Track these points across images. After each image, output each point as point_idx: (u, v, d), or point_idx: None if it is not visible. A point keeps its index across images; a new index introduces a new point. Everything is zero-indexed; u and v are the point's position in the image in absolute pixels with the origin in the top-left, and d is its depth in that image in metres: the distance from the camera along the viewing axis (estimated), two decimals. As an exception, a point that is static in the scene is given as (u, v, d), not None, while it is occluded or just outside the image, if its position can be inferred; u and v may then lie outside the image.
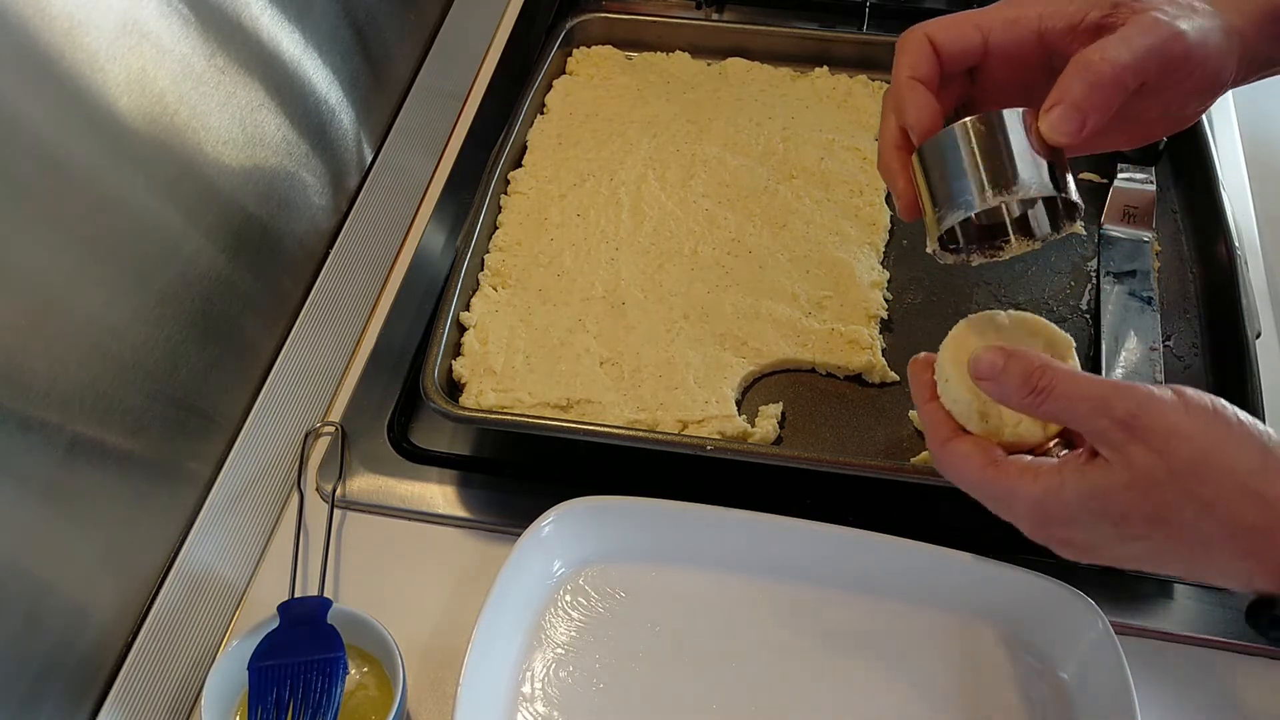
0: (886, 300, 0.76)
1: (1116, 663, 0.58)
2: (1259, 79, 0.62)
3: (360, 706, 0.60)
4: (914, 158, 0.57)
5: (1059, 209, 0.58)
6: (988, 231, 0.60)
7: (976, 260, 0.60)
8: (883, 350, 0.73)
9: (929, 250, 0.57)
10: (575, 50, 0.94)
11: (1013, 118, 0.54)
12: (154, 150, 0.64)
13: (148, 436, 0.65)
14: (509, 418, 0.69)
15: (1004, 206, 0.58)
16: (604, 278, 0.77)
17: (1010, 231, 0.59)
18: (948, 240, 0.58)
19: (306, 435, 0.74)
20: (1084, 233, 0.66)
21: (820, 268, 0.77)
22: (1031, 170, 0.54)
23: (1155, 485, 0.48)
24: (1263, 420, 0.65)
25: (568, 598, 0.65)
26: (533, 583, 0.64)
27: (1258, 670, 0.63)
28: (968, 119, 0.55)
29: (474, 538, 0.70)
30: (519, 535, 0.63)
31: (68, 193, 0.57)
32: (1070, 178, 0.55)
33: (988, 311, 0.59)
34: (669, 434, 0.68)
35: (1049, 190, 0.53)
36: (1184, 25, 0.55)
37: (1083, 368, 0.72)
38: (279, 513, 0.71)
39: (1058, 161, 0.54)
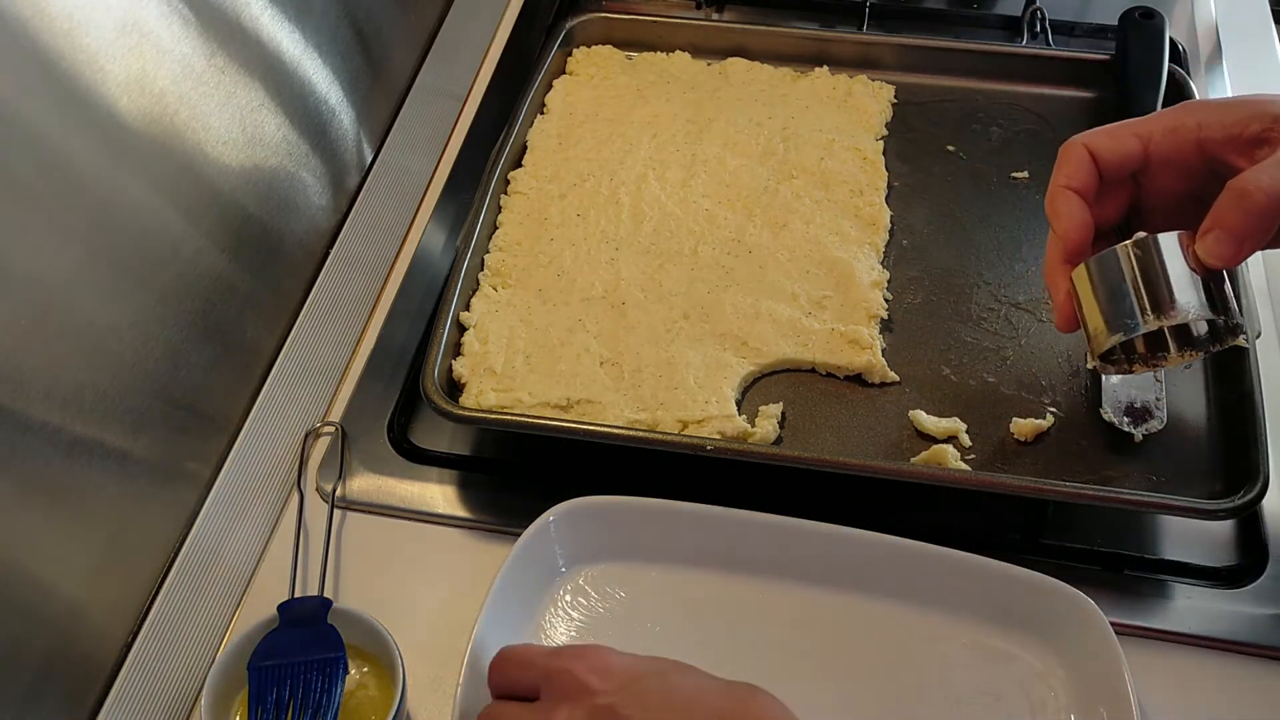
0: (886, 300, 0.76)
1: (1116, 663, 0.58)
2: None
3: (360, 706, 0.60)
4: (1074, 274, 0.58)
5: (1220, 324, 0.59)
6: (1150, 342, 0.61)
7: (1140, 370, 0.62)
8: (883, 350, 0.73)
9: (1090, 366, 0.59)
10: (575, 50, 0.94)
11: (1169, 241, 0.56)
12: (154, 150, 0.64)
13: (148, 436, 0.65)
14: (509, 418, 0.69)
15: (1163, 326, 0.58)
16: (604, 278, 0.77)
17: (1170, 345, 0.61)
18: (1108, 356, 0.60)
19: (306, 435, 0.74)
20: (1247, 345, 0.66)
21: (820, 268, 0.77)
22: (1189, 294, 0.55)
23: None
24: (1263, 421, 0.66)
25: (568, 598, 0.65)
26: (533, 583, 0.64)
27: (1258, 670, 0.63)
28: (1128, 243, 0.56)
29: (474, 538, 0.70)
30: (519, 535, 0.63)
31: (68, 193, 0.57)
32: (1230, 295, 0.56)
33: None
34: (669, 434, 0.68)
35: (1206, 314, 0.56)
36: None
37: (1083, 368, 0.72)
38: (279, 513, 0.71)
39: (1214, 280, 0.56)
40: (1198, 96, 0.86)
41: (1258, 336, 0.72)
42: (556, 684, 0.52)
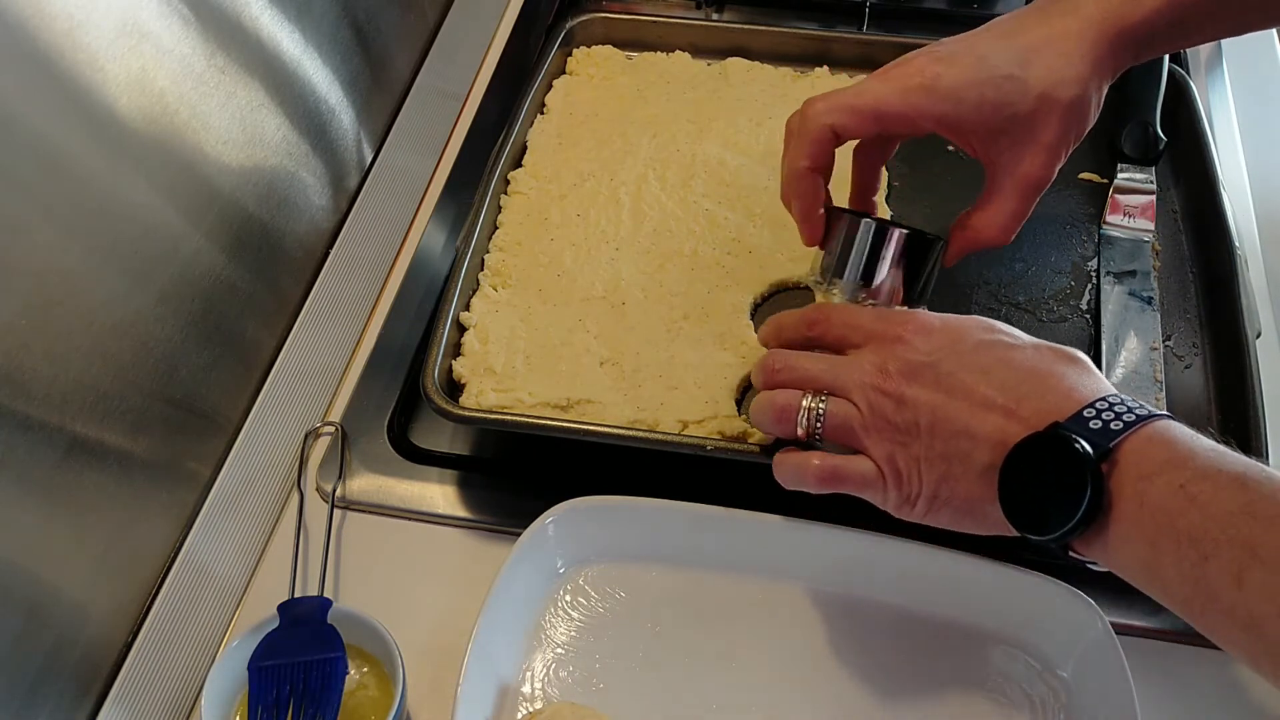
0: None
1: (1116, 663, 0.58)
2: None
3: (360, 706, 0.60)
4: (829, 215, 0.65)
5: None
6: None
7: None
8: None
9: (808, 281, 0.67)
10: (575, 50, 0.94)
11: (895, 235, 0.63)
12: (154, 150, 0.64)
13: (148, 436, 0.65)
14: (509, 418, 0.69)
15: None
16: (604, 278, 0.77)
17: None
18: (820, 281, 0.66)
19: (306, 435, 0.74)
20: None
21: (820, 268, 0.77)
22: (888, 281, 0.64)
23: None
24: (1264, 421, 0.66)
25: (568, 598, 0.65)
26: (533, 583, 0.64)
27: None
28: (870, 221, 0.63)
29: (474, 538, 0.70)
30: (519, 535, 0.63)
31: (68, 193, 0.57)
32: (924, 282, 0.65)
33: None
34: (669, 434, 0.68)
35: (889, 303, 0.65)
36: (1055, 164, 0.62)
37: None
38: (279, 513, 0.71)
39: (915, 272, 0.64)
40: (1198, 97, 0.86)
41: (1258, 336, 0.72)
42: (882, 344, 0.57)
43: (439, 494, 0.71)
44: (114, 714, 0.62)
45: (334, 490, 0.71)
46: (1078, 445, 0.49)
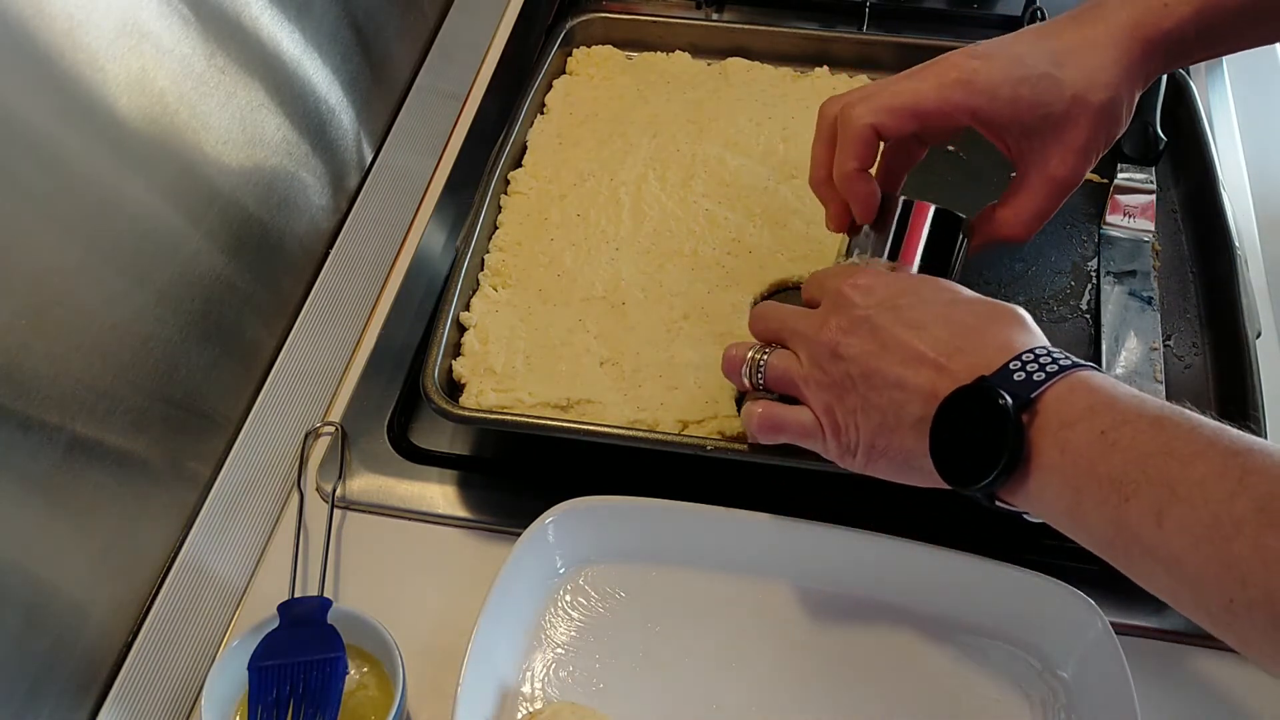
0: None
1: (1117, 663, 0.58)
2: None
3: (360, 706, 0.60)
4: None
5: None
6: None
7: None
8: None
9: (838, 259, 0.68)
10: (575, 50, 0.94)
11: (925, 212, 0.64)
12: (154, 150, 0.64)
13: (148, 436, 0.65)
14: (509, 418, 0.69)
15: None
16: (604, 278, 0.77)
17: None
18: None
19: (306, 435, 0.74)
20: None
21: (821, 267, 0.77)
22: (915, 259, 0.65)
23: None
24: (1264, 421, 0.66)
25: (568, 598, 0.65)
26: (533, 583, 0.64)
27: (1257, 670, 0.63)
28: (905, 199, 0.64)
29: (474, 538, 0.70)
30: (519, 535, 0.63)
31: (68, 193, 0.57)
32: (955, 261, 0.65)
33: None
34: (669, 434, 0.68)
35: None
36: (1084, 166, 0.64)
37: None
38: (279, 513, 0.71)
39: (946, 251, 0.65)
40: (1198, 97, 0.86)
41: (1258, 336, 0.72)
42: (834, 298, 0.60)
43: (439, 494, 0.71)
44: (114, 714, 0.62)
45: (334, 490, 0.71)
46: (999, 398, 0.50)
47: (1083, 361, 0.52)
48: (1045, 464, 0.50)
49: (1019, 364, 0.52)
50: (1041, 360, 0.51)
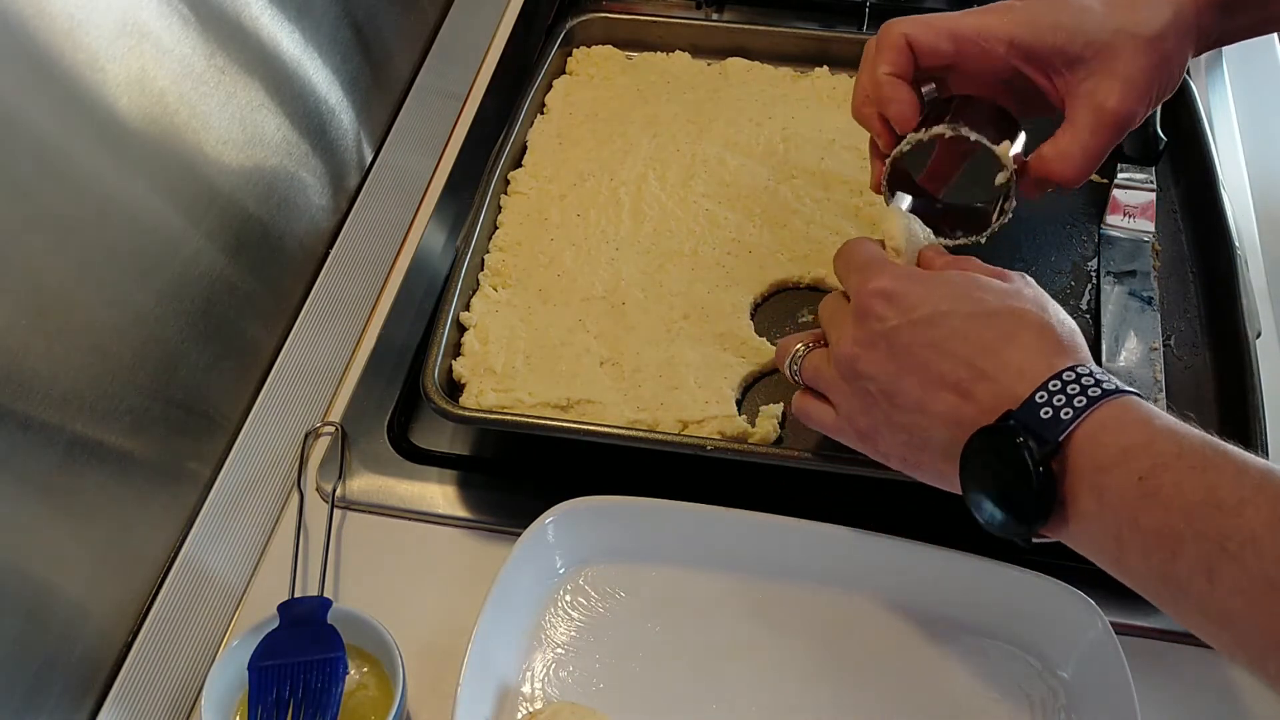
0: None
1: (1117, 663, 0.58)
2: (1212, 49, 0.67)
3: (360, 706, 0.60)
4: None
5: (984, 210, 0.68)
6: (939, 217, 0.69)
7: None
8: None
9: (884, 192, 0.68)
10: (575, 50, 0.94)
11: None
12: (154, 150, 0.64)
13: (148, 436, 0.65)
14: (509, 418, 0.69)
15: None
16: (604, 278, 0.77)
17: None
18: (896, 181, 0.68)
19: (306, 435, 0.74)
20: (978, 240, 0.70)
21: (821, 268, 0.77)
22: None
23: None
24: (1264, 421, 0.66)
25: (568, 598, 0.65)
26: (533, 583, 0.64)
27: (1258, 670, 0.63)
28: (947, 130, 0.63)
29: (474, 538, 0.70)
30: (519, 535, 0.63)
31: (67, 193, 0.57)
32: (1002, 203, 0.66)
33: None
34: (669, 434, 0.68)
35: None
36: (1138, 105, 0.61)
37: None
38: (279, 513, 0.71)
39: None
40: (1198, 97, 0.86)
41: (1258, 336, 0.72)
42: (857, 306, 0.57)
43: (439, 494, 0.71)
44: (114, 714, 0.62)
45: (334, 490, 0.71)
46: (1026, 450, 0.47)
47: (1112, 387, 0.48)
48: (1082, 511, 0.48)
49: (1045, 396, 0.49)
50: (1070, 390, 0.48)
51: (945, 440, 0.52)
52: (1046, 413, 0.48)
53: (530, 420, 0.68)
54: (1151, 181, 0.82)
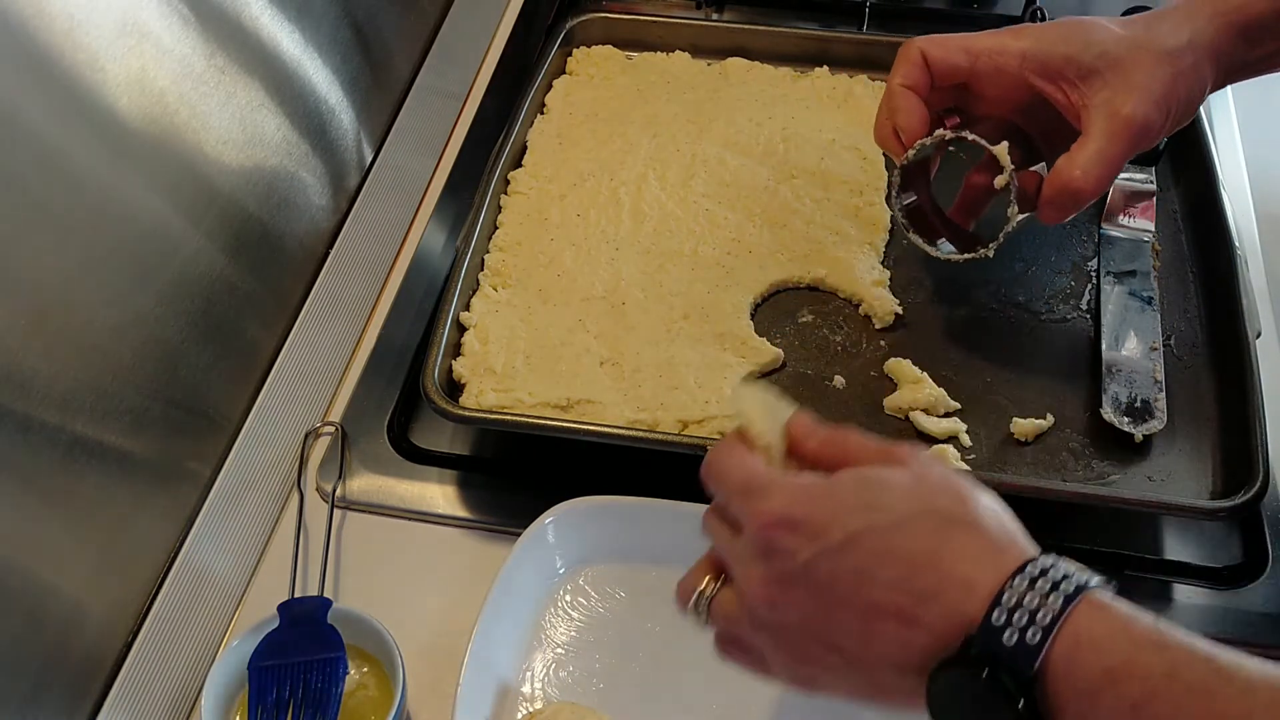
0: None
1: (1117, 663, 0.58)
2: (1237, 81, 0.66)
3: (360, 706, 0.60)
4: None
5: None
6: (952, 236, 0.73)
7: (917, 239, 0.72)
8: (886, 347, 0.74)
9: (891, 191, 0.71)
10: (575, 50, 0.94)
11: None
12: (154, 150, 0.64)
13: (148, 436, 0.65)
14: (509, 418, 0.69)
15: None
16: (604, 278, 0.77)
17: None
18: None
19: (306, 435, 0.74)
20: (980, 256, 0.71)
21: (820, 268, 0.77)
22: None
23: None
24: (1263, 420, 0.66)
25: (568, 598, 0.65)
26: (533, 583, 0.64)
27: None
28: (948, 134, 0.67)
29: (474, 538, 0.70)
30: (519, 535, 0.63)
31: (67, 193, 0.57)
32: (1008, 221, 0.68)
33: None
34: (669, 434, 0.68)
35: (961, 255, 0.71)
36: (1154, 114, 0.61)
37: (1083, 368, 0.72)
38: (279, 513, 0.71)
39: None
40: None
41: (1258, 336, 0.72)
42: (756, 544, 0.48)
43: (439, 494, 0.71)
44: (114, 714, 0.62)
45: (334, 490, 0.71)
46: (999, 689, 0.41)
47: (1071, 588, 0.42)
48: None
49: (1002, 616, 0.42)
50: (1027, 601, 0.42)
51: (901, 676, 0.45)
52: (1011, 636, 0.42)
53: (530, 420, 0.68)
54: (1151, 181, 0.82)
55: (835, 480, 0.48)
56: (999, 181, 0.67)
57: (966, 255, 0.71)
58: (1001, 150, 0.66)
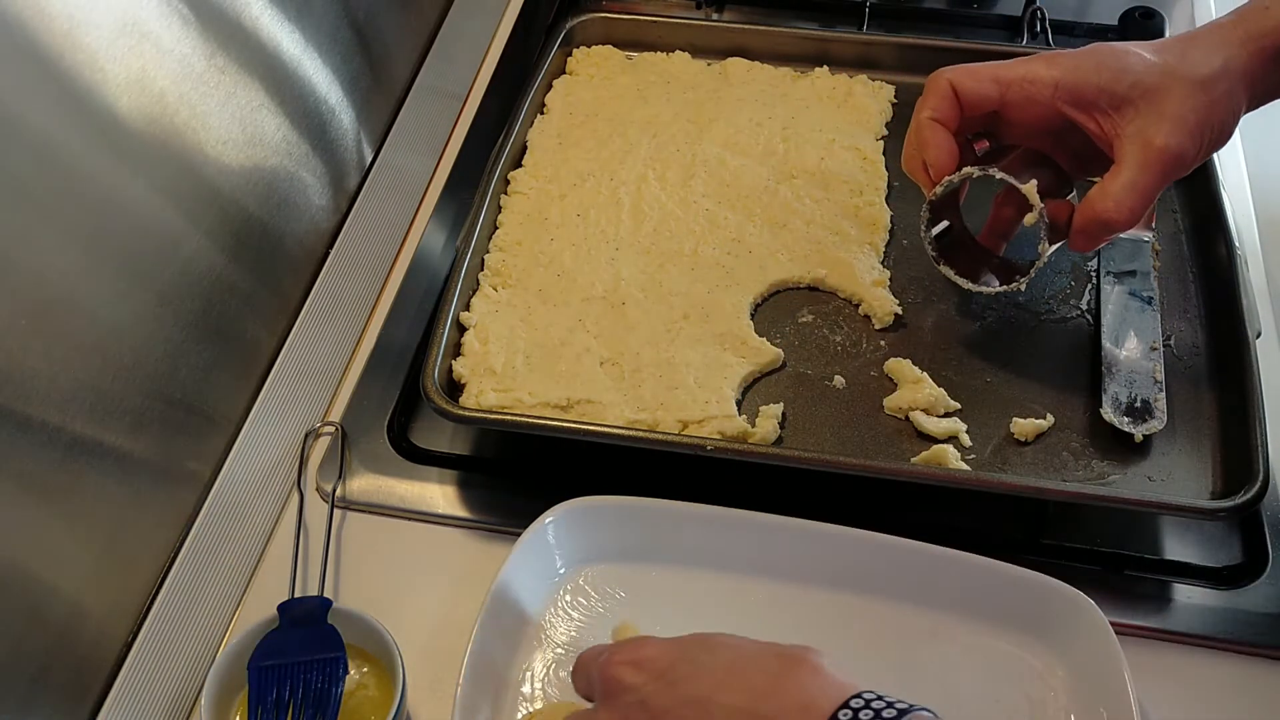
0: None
1: (1116, 663, 0.58)
2: (1267, 103, 0.66)
3: (360, 706, 0.60)
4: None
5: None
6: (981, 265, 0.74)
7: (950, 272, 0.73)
8: (886, 347, 0.74)
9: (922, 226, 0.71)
10: (575, 50, 0.94)
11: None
12: (154, 150, 0.64)
13: (148, 436, 0.65)
14: (509, 418, 0.69)
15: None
16: (604, 278, 0.77)
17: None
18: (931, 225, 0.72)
19: (306, 435, 0.74)
20: (1013, 290, 0.72)
21: (820, 268, 0.77)
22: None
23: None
24: (1263, 420, 0.66)
25: (568, 598, 0.65)
26: (533, 583, 0.64)
27: (1258, 670, 0.63)
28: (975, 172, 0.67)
29: (474, 538, 0.70)
30: (519, 535, 0.63)
31: (68, 193, 0.57)
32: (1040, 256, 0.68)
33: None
34: (669, 434, 0.68)
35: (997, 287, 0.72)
36: (1188, 143, 0.61)
37: (1083, 368, 0.72)
38: (279, 513, 0.71)
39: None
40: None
41: (1258, 336, 0.72)
42: (603, 686, 0.51)
43: (439, 494, 0.71)
44: (114, 714, 0.62)
45: (334, 490, 0.71)
46: None
47: (904, 706, 0.45)
48: None
49: None
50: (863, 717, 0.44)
51: None
52: None
53: (530, 420, 0.68)
54: (1151, 181, 0.82)
55: (680, 637, 0.52)
56: (1029, 220, 0.67)
57: (998, 289, 0.72)
58: (1030, 189, 0.66)
